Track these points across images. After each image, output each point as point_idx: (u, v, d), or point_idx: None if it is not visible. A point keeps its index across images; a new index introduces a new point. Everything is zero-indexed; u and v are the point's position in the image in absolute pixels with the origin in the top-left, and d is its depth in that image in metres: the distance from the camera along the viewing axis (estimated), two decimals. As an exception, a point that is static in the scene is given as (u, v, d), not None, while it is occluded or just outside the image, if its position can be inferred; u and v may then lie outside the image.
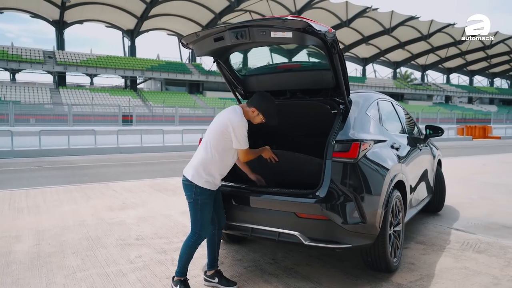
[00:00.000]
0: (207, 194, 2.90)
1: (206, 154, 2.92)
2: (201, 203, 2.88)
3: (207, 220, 2.93)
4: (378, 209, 3.01)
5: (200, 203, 2.88)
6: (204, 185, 2.88)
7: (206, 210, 2.91)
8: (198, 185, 2.88)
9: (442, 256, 3.74)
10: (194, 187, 2.88)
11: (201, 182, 2.88)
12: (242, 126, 2.88)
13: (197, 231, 2.90)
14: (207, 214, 2.92)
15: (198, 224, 2.90)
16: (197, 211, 2.89)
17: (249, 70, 3.82)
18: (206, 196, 2.90)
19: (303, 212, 2.87)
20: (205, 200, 2.90)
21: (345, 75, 3.10)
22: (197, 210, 2.89)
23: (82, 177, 9.47)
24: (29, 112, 28.34)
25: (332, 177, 2.85)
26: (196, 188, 2.88)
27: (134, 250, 3.96)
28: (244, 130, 2.89)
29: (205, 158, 2.91)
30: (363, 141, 2.97)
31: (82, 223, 4.99)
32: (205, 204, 2.90)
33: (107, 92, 39.92)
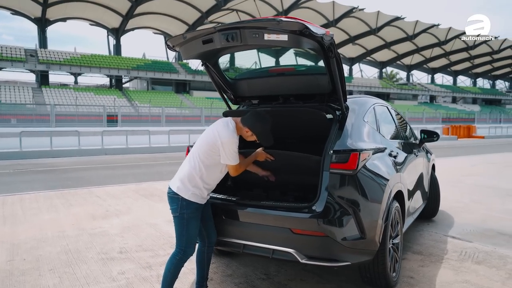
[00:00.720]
0: (194, 207, 2.68)
1: (193, 167, 2.71)
2: (187, 218, 2.66)
3: (194, 236, 2.71)
4: (378, 223, 2.83)
5: (186, 218, 2.66)
6: (190, 197, 2.67)
7: (192, 225, 2.69)
8: (184, 197, 2.66)
9: (441, 268, 3.59)
10: (180, 200, 2.67)
11: (187, 194, 2.67)
12: (232, 143, 2.69)
13: (182, 248, 2.68)
14: (193, 229, 2.70)
15: (183, 240, 2.68)
16: (183, 226, 2.67)
17: (240, 74, 3.61)
18: (193, 210, 2.68)
19: (298, 228, 2.67)
20: (192, 214, 2.68)
21: (342, 80, 2.91)
22: (183, 225, 2.67)
23: (64, 181, 9.11)
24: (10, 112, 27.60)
25: (330, 190, 2.66)
26: (182, 201, 2.66)
27: (116, 265, 3.71)
28: (234, 146, 2.70)
29: (191, 170, 2.71)
30: (362, 151, 2.78)
31: (62, 234, 4.70)
32: (192, 218, 2.68)
33: (91, 92, 39.14)
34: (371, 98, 3.75)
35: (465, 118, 48.15)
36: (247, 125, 2.77)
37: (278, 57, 3.73)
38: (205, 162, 2.70)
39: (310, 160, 3.04)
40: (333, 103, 3.24)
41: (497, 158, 14.22)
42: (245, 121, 2.79)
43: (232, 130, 2.73)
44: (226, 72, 3.58)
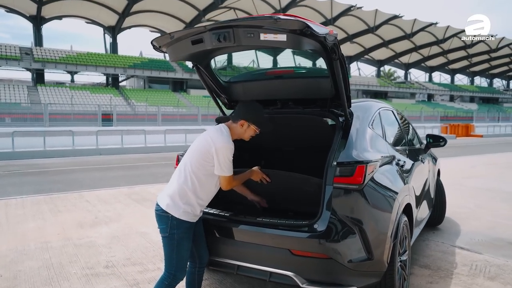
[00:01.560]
0: (185, 227, 2.41)
1: (184, 180, 2.42)
2: (178, 238, 2.39)
3: (185, 258, 2.44)
4: (386, 241, 2.57)
5: (176, 238, 2.38)
6: (181, 216, 2.39)
7: (184, 246, 2.41)
8: (174, 216, 2.38)
9: (452, 285, 3.33)
10: (170, 218, 2.38)
11: (178, 212, 2.39)
12: (227, 149, 2.41)
13: (172, 272, 2.41)
14: (185, 251, 2.42)
15: (173, 263, 2.40)
16: (172, 247, 2.39)
17: (234, 77, 3.33)
18: (184, 230, 2.40)
19: (299, 249, 2.40)
20: (183, 234, 2.40)
21: (346, 83, 2.64)
22: (172, 246, 2.39)
23: (54, 184, 8.81)
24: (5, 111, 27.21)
25: (334, 207, 2.39)
26: (172, 220, 2.38)
27: (101, 282, 3.43)
28: (229, 154, 2.43)
29: (182, 184, 2.42)
30: (369, 163, 2.51)
31: (46, 245, 4.42)
32: (183, 239, 2.40)
33: (87, 90, 38.73)
34: (376, 103, 3.48)
35: (463, 117, 48.07)
36: (240, 117, 2.53)
37: (276, 56, 3.47)
38: (197, 174, 2.43)
39: (310, 183, 2.77)
40: (335, 108, 2.97)
41: (497, 159, 14.00)
42: (236, 115, 2.55)
43: (227, 135, 2.48)
44: (222, 71, 3.31)
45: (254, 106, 2.61)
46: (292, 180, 2.89)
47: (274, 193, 2.99)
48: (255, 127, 2.56)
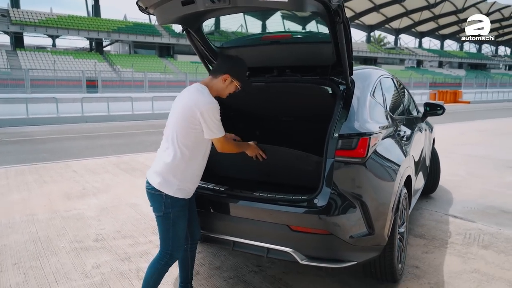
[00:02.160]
0: (180, 205, 2.25)
1: (174, 154, 2.23)
2: (173, 217, 2.24)
3: (181, 237, 2.30)
4: (388, 215, 2.49)
5: (172, 217, 2.24)
6: (176, 193, 2.22)
7: (180, 225, 2.28)
8: (168, 194, 2.22)
9: (447, 255, 3.32)
10: (164, 197, 2.22)
11: (172, 190, 2.22)
12: (213, 109, 2.19)
13: (168, 252, 2.28)
14: (181, 230, 2.29)
15: (169, 243, 2.27)
16: (168, 227, 2.26)
17: (227, 42, 3.11)
18: (180, 208, 2.26)
19: (298, 225, 2.30)
20: (179, 213, 2.26)
21: (349, 50, 2.45)
22: (168, 226, 2.26)
23: (39, 153, 8.56)
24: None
25: (335, 181, 2.28)
26: (166, 198, 2.22)
27: (91, 256, 3.32)
28: (216, 113, 2.22)
29: (172, 158, 2.23)
30: (372, 135, 2.38)
31: (32, 218, 4.28)
32: (179, 218, 2.26)
33: (70, 55, 37.38)
34: (376, 70, 3.31)
35: (451, 83, 48.17)
36: (224, 70, 2.32)
37: (265, 20, 3.24)
38: (186, 143, 2.23)
39: (309, 161, 2.63)
40: (336, 76, 2.80)
41: (486, 125, 14.10)
42: (219, 68, 2.35)
43: (208, 94, 2.26)
44: (209, 36, 3.07)
45: (238, 60, 2.41)
46: (290, 157, 2.74)
47: (271, 169, 2.85)
48: (238, 83, 2.36)
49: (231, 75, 2.32)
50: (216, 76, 2.33)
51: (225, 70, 2.32)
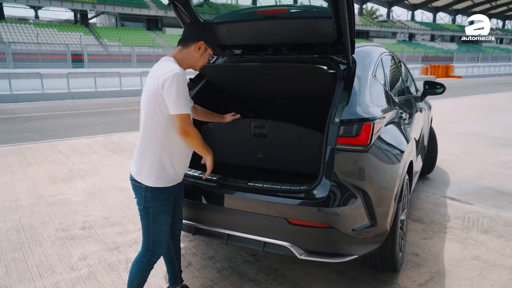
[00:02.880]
0: (162, 199, 2.06)
1: (148, 137, 2.01)
2: (154, 212, 2.05)
3: (163, 233, 2.13)
4: (390, 205, 2.35)
5: (152, 212, 2.05)
6: (156, 183, 2.02)
7: (161, 220, 2.09)
8: (147, 186, 2.02)
9: (447, 241, 3.23)
10: (144, 189, 2.04)
11: (150, 180, 2.02)
12: (174, 77, 1.89)
13: (149, 248, 2.12)
14: (162, 226, 2.11)
15: (150, 239, 2.11)
16: (148, 222, 2.08)
17: (218, 17, 2.86)
18: (162, 203, 2.06)
19: (296, 218, 2.16)
20: (160, 207, 2.07)
21: (352, 26, 2.24)
22: (148, 221, 2.08)
23: (23, 133, 8.26)
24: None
25: (336, 171, 2.12)
26: (146, 191, 2.03)
27: (78, 246, 3.17)
28: (180, 83, 1.90)
29: (146, 143, 2.02)
30: (376, 120, 2.21)
31: (15, 204, 4.08)
32: (160, 213, 2.07)
33: (54, 28, 36.11)
34: (377, 47, 3.11)
35: (443, 57, 47.91)
36: (197, 38, 2.07)
37: (274, 0, 3.00)
38: (159, 125, 1.98)
39: (312, 139, 2.45)
40: (335, 55, 2.60)
41: (478, 101, 14.03)
42: (193, 36, 2.09)
43: (173, 63, 2.01)
44: (198, 8, 2.82)
45: (210, 26, 2.26)
46: (293, 134, 2.56)
47: (270, 150, 2.68)
48: (212, 51, 2.14)
49: (206, 42, 2.09)
50: (187, 45, 2.09)
51: (199, 37, 2.08)
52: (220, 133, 2.83)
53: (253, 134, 2.65)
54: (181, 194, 2.28)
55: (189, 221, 2.45)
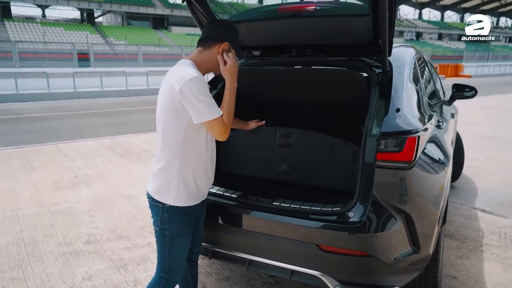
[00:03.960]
0: (182, 220, 1.80)
1: (168, 152, 1.76)
2: (171, 235, 1.81)
3: (180, 259, 1.88)
4: (434, 228, 2.07)
5: (169, 235, 1.81)
6: (175, 202, 1.77)
7: (179, 244, 1.84)
8: (166, 204, 1.77)
9: (485, 260, 2.94)
10: (161, 209, 1.79)
11: (170, 198, 1.77)
12: (193, 81, 1.64)
13: (164, 276, 1.87)
14: (180, 250, 1.85)
15: (165, 265, 1.86)
16: (164, 246, 1.83)
17: (236, 15, 2.59)
18: (181, 225, 1.81)
19: (330, 244, 1.89)
20: (179, 230, 1.81)
21: (392, 24, 1.97)
22: (164, 244, 1.83)
23: (28, 134, 8.06)
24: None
25: (375, 190, 1.85)
26: (163, 212, 1.78)
27: (82, 264, 2.92)
28: (201, 87, 1.66)
29: (167, 158, 1.77)
30: (419, 132, 1.93)
31: (16, 213, 3.85)
32: (178, 236, 1.82)
33: (61, 27, 36.10)
34: (409, 48, 2.82)
35: (451, 56, 47.28)
36: (222, 38, 1.81)
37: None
38: (178, 137, 1.73)
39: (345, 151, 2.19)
40: (368, 57, 2.32)
41: (491, 102, 13.64)
42: (216, 36, 1.82)
43: (191, 67, 1.75)
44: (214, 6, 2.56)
45: (234, 24, 1.92)
46: (321, 144, 2.30)
47: (294, 161, 2.41)
48: (235, 52, 1.86)
49: (230, 43, 1.82)
50: (209, 47, 1.81)
51: (223, 37, 1.81)
52: (240, 142, 2.57)
53: (278, 144, 2.39)
54: (203, 215, 2.02)
55: (206, 243, 2.19)
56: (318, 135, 2.32)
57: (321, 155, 2.31)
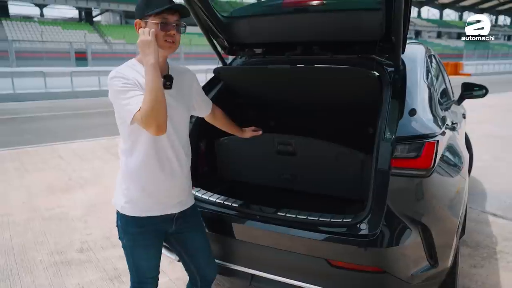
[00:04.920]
0: (132, 232, 1.63)
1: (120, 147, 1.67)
2: (127, 246, 1.68)
3: (147, 268, 1.72)
4: (453, 240, 1.92)
5: (126, 245, 1.68)
6: (124, 210, 1.62)
7: (139, 256, 1.68)
8: (118, 211, 1.66)
9: (501, 270, 2.78)
10: (117, 217, 1.68)
11: (119, 204, 1.64)
12: (112, 78, 1.51)
13: (135, 284, 1.75)
14: (143, 261, 1.70)
15: (133, 273, 1.74)
16: (127, 255, 1.71)
17: (237, 10, 2.43)
18: (133, 236, 1.64)
19: (340, 259, 1.73)
20: (134, 242, 1.65)
21: (406, 19, 1.81)
22: (126, 253, 1.71)
23: (23, 135, 7.87)
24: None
25: (390, 201, 1.68)
26: (117, 219, 1.68)
27: (73, 275, 2.76)
28: (117, 82, 1.49)
29: (120, 155, 1.67)
30: (438, 136, 1.77)
31: (7, 219, 3.68)
32: (135, 247, 1.66)
33: (59, 26, 35.89)
34: (420, 45, 2.66)
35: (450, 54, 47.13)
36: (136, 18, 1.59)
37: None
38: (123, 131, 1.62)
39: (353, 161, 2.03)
40: (378, 55, 2.16)
41: (493, 100, 13.41)
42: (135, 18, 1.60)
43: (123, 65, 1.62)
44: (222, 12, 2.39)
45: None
46: (325, 153, 2.14)
47: (296, 170, 2.26)
48: (153, 20, 1.51)
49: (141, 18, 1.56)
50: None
51: (136, 16, 1.59)
52: (238, 149, 2.41)
53: (277, 151, 2.23)
54: (199, 227, 1.85)
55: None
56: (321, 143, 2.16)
57: (326, 164, 2.15)
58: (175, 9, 1.53)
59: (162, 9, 1.49)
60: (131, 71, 1.55)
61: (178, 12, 1.56)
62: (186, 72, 1.80)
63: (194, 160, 2.33)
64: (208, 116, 2.01)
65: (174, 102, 1.63)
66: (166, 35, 1.53)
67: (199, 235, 1.83)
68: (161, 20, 1.51)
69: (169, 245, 1.84)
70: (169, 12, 1.52)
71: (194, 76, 1.85)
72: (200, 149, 2.44)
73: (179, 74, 1.71)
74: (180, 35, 1.60)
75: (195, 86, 1.84)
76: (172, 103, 1.61)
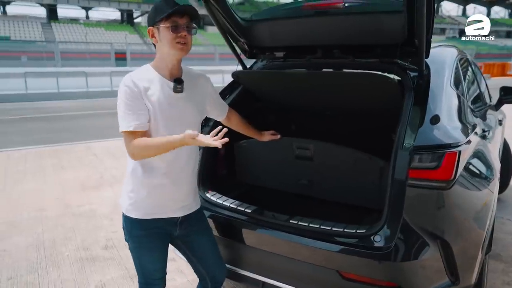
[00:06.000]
0: (137, 234, 1.66)
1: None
2: (133, 248, 1.70)
3: (154, 269, 1.72)
4: (477, 256, 1.80)
5: (132, 247, 1.70)
6: (129, 212, 1.64)
7: (144, 258, 1.70)
8: (123, 213, 1.68)
9: (536, 289, 2.60)
10: (123, 219, 1.70)
11: (124, 206, 1.67)
12: (120, 90, 1.55)
13: (143, 285, 1.76)
14: (148, 264, 1.71)
15: (140, 274, 1.75)
16: (133, 256, 1.73)
17: (257, 13, 2.41)
18: (137, 239, 1.66)
19: (352, 272, 1.67)
20: (138, 244, 1.67)
21: (430, 22, 1.71)
22: (132, 254, 1.73)
23: (62, 133, 8.26)
24: (20, 49, 26.48)
25: (407, 213, 1.60)
26: (123, 220, 1.70)
27: (97, 271, 2.84)
28: (121, 94, 1.52)
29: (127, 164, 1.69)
30: (462, 146, 1.66)
31: (40, 214, 3.86)
32: (140, 248, 1.68)
33: (102, 27, 37.41)
34: (451, 48, 2.52)
35: (497, 54, 44.77)
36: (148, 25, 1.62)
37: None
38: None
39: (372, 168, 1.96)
40: (401, 59, 2.07)
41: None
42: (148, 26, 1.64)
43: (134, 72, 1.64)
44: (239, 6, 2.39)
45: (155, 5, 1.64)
46: (343, 159, 2.08)
47: (313, 175, 2.20)
48: (164, 24, 1.54)
49: (152, 25, 1.59)
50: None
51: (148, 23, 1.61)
52: (257, 153, 2.39)
53: (296, 156, 2.19)
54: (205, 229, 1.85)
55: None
56: (340, 148, 2.10)
57: (344, 170, 2.09)
58: (183, 12, 1.56)
59: (170, 12, 1.51)
60: (142, 80, 1.58)
61: (188, 14, 1.58)
62: (200, 76, 1.81)
63: (212, 163, 2.36)
64: (224, 119, 2.00)
65: (185, 106, 1.65)
66: (177, 37, 1.55)
67: (205, 238, 1.83)
68: (171, 23, 1.54)
69: (177, 247, 1.85)
70: (178, 15, 1.55)
71: (209, 80, 1.86)
72: (219, 152, 2.44)
73: (192, 78, 1.72)
74: (191, 37, 1.62)
75: (209, 90, 1.84)
76: (183, 107, 1.63)
